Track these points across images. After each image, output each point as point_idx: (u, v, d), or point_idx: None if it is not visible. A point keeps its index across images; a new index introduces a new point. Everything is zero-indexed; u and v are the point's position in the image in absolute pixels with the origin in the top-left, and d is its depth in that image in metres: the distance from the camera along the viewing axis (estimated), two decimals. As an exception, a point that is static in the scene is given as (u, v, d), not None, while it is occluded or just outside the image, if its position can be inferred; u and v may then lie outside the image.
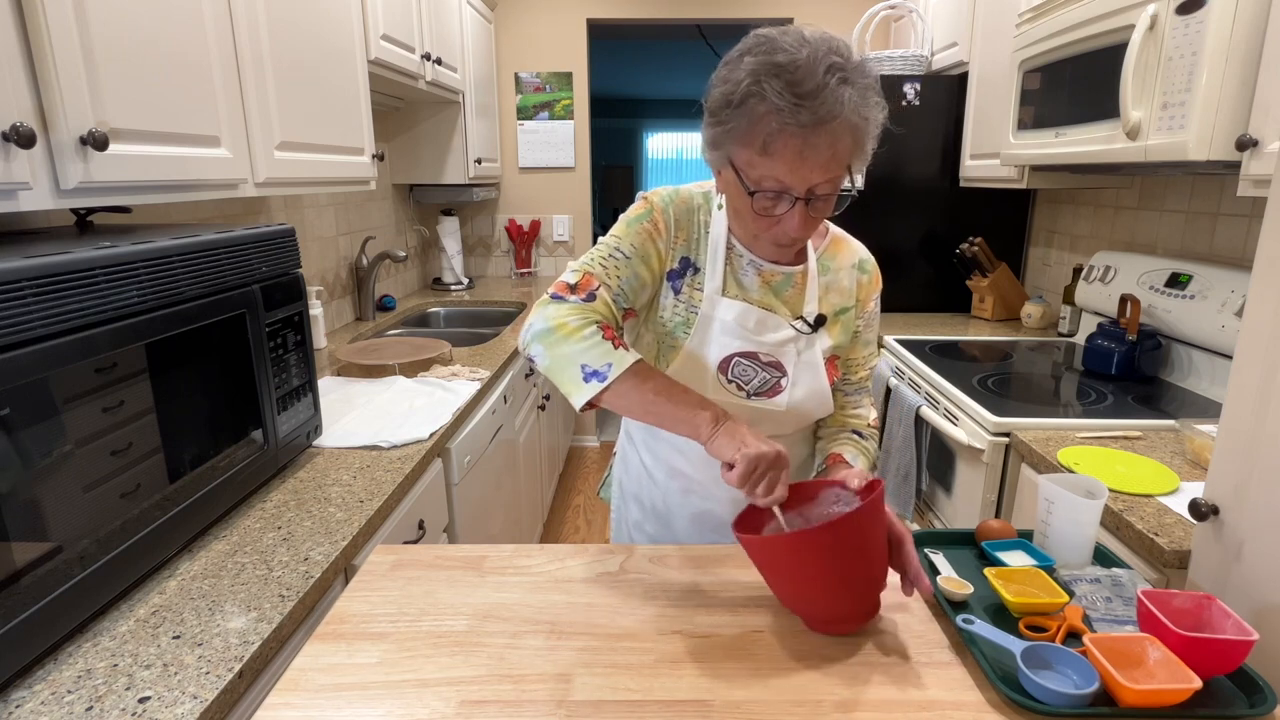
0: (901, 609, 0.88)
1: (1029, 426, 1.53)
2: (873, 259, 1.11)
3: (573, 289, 0.95)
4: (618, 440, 1.25)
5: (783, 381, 1.02)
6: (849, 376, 1.12)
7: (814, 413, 1.06)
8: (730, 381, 1.01)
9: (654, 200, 1.02)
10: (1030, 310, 2.50)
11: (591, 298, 0.95)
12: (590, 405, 0.90)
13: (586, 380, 0.89)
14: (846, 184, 0.91)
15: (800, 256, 1.05)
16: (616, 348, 0.91)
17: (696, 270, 1.03)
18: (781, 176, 0.86)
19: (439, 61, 2.51)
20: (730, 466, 0.84)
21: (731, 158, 0.89)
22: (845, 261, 1.08)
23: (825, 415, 1.09)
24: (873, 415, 1.15)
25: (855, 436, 1.11)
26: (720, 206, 1.02)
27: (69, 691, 0.74)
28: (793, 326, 1.02)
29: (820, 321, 1.03)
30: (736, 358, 1.01)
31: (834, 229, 1.10)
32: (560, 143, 3.62)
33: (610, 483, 1.29)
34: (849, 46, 0.85)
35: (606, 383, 0.88)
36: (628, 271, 0.99)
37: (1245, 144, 1.27)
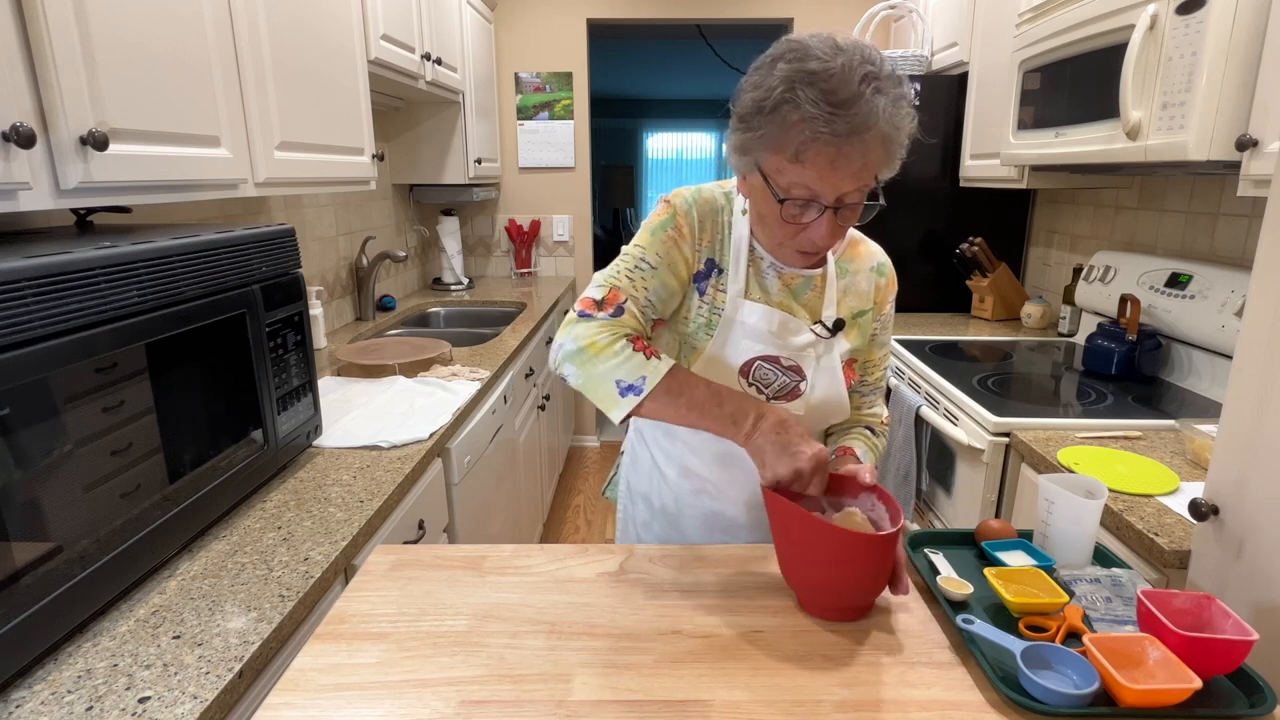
0: (901, 609, 0.88)
1: (1029, 426, 1.53)
2: (889, 261, 1.11)
3: (599, 305, 0.95)
4: (626, 439, 1.25)
5: (801, 385, 1.02)
6: (865, 377, 1.12)
7: (831, 416, 1.07)
8: (751, 385, 1.02)
9: (676, 203, 1.02)
10: (1030, 310, 2.50)
11: (619, 312, 0.95)
12: (624, 420, 0.91)
13: (623, 395, 0.90)
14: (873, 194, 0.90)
15: (820, 260, 1.04)
16: (649, 358, 0.91)
17: (720, 271, 1.02)
18: (812, 184, 0.85)
19: (439, 61, 2.51)
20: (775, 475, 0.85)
21: (760, 164, 0.89)
22: (864, 264, 1.08)
23: (842, 419, 1.09)
24: (885, 413, 1.16)
25: (867, 432, 1.13)
26: (744, 211, 1.01)
27: (69, 691, 0.74)
28: (812, 331, 1.02)
29: (839, 326, 1.03)
30: (758, 361, 1.01)
31: (851, 230, 1.10)
32: (560, 143, 3.62)
33: (617, 482, 1.28)
34: (881, 54, 0.85)
35: (643, 396, 0.89)
36: (655, 282, 0.98)
37: (1245, 144, 1.27)
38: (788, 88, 0.81)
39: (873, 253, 1.09)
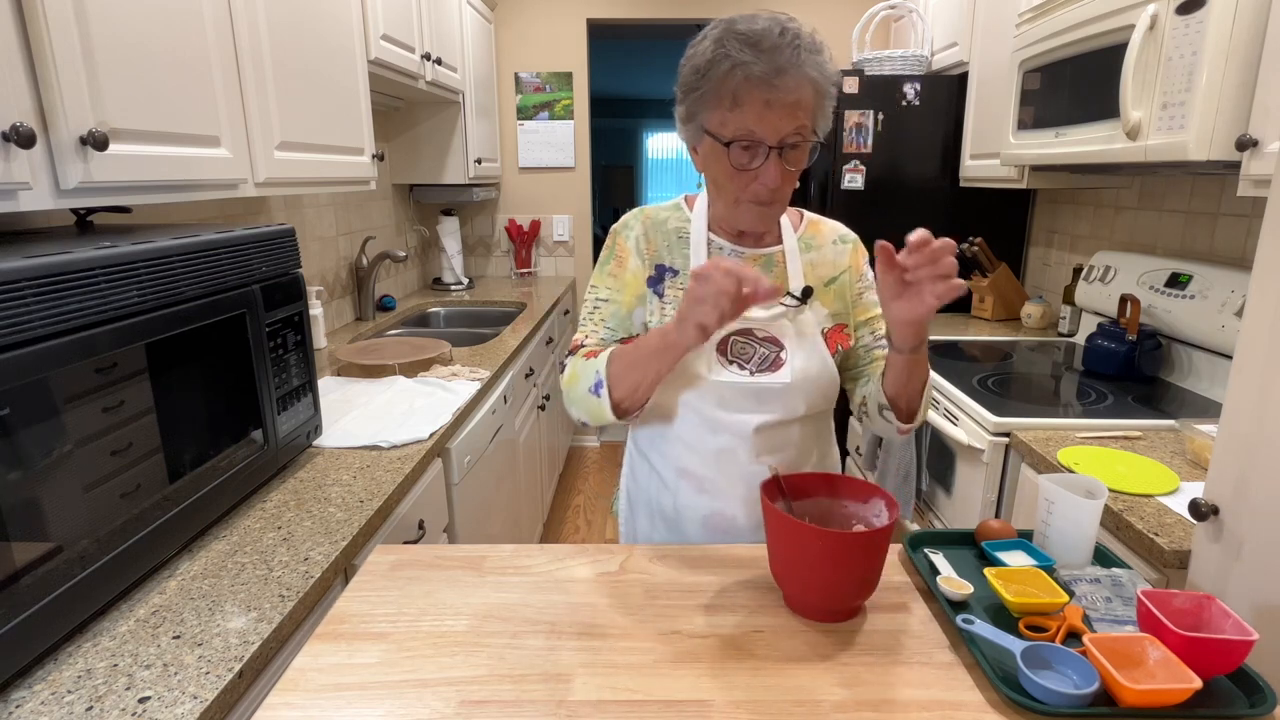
0: (901, 609, 0.88)
1: (1029, 426, 1.53)
2: (851, 232, 1.17)
3: (572, 352, 1.09)
4: (625, 453, 1.26)
5: (782, 355, 1.05)
6: (876, 331, 1.15)
7: (820, 387, 1.07)
8: (731, 361, 1.05)
9: (617, 229, 1.14)
10: (1030, 310, 2.50)
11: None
12: (621, 412, 1.00)
13: (598, 395, 0.99)
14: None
15: (777, 238, 1.10)
16: (593, 359, 1.02)
17: (675, 273, 1.09)
18: (752, 126, 0.93)
19: (439, 61, 2.51)
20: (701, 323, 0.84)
21: (705, 125, 0.97)
22: (826, 238, 1.14)
23: (832, 391, 1.10)
24: None
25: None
26: (700, 185, 1.08)
27: (69, 691, 0.74)
28: (781, 302, 1.06)
29: (808, 293, 1.07)
30: (733, 336, 1.05)
31: (809, 214, 1.17)
32: (560, 143, 3.62)
33: (620, 497, 1.29)
34: (798, 22, 0.95)
35: (605, 382, 0.99)
36: (610, 310, 1.10)
37: (1245, 144, 1.27)
38: (718, 45, 0.93)
39: (835, 227, 1.16)
